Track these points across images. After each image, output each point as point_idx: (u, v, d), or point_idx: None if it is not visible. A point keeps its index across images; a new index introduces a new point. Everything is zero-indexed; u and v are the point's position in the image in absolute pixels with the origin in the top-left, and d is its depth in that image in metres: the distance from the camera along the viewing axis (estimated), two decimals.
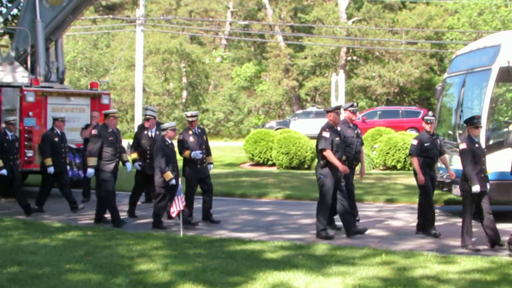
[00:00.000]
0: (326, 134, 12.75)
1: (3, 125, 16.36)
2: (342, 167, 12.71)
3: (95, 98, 19.61)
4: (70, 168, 17.90)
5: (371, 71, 53.69)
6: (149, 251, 11.14)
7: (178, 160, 14.33)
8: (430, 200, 13.27)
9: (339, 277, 9.28)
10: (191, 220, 14.04)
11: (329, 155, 12.66)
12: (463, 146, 12.00)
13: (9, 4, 23.41)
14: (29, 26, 19.38)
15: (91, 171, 14.58)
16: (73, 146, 18.42)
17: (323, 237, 12.72)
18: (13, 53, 19.70)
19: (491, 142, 14.23)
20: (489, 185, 12.02)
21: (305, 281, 9.07)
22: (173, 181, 13.50)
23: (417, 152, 13.26)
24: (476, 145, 11.92)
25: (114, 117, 14.75)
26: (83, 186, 18.20)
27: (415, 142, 13.41)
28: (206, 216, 14.76)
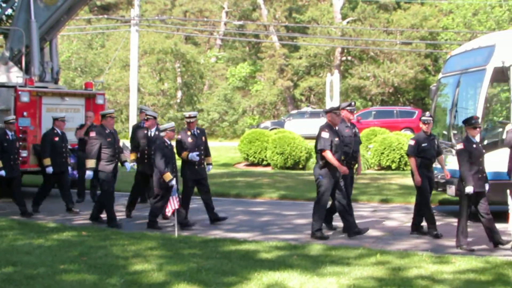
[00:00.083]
0: (326, 135, 12.72)
1: (1, 125, 16.30)
2: (341, 168, 12.72)
3: (89, 98, 19.57)
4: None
5: (366, 71, 53.72)
6: (144, 251, 11.13)
7: (177, 160, 14.31)
8: (427, 201, 13.28)
9: (333, 277, 9.28)
10: (188, 222, 14.00)
11: (329, 155, 12.64)
12: (460, 146, 12.01)
13: (4, 4, 23.34)
14: (23, 26, 19.36)
15: (90, 173, 14.46)
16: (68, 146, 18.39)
17: (318, 238, 12.72)
18: (7, 53, 19.67)
19: (485, 142, 14.25)
20: (488, 186, 12.05)
21: (300, 281, 9.07)
22: (172, 182, 13.46)
23: (414, 152, 13.26)
24: (474, 146, 11.91)
25: (111, 118, 14.71)
26: (77, 186, 18.17)
27: (412, 142, 13.40)
28: (213, 217, 14.69)
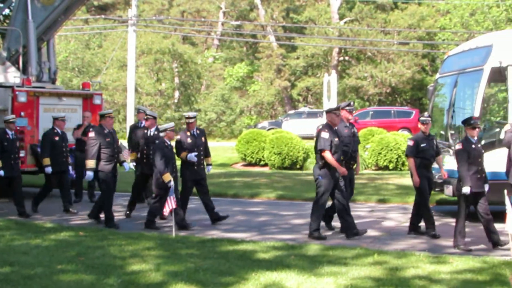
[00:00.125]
0: (325, 135, 12.69)
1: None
2: (340, 169, 12.69)
3: (87, 98, 19.57)
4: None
5: (363, 72, 53.73)
6: (141, 251, 11.12)
7: (177, 160, 14.30)
8: (426, 201, 13.27)
9: (331, 277, 9.28)
10: (186, 224, 13.95)
11: (328, 156, 12.63)
12: (458, 146, 12.02)
13: (1, 4, 23.33)
14: (21, 26, 19.35)
15: (90, 173, 14.36)
16: None
17: (315, 238, 12.71)
18: (4, 53, 19.66)
19: (483, 142, 14.24)
20: (488, 187, 12.05)
21: (297, 281, 9.07)
22: (171, 182, 13.43)
23: (413, 153, 13.24)
24: (473, 146, 11.92)
25: (110, 118, 14.68)
26: (75, 187, 18.14)
27: (411, 143, 13.38)
28: (214, 217, 14.66)
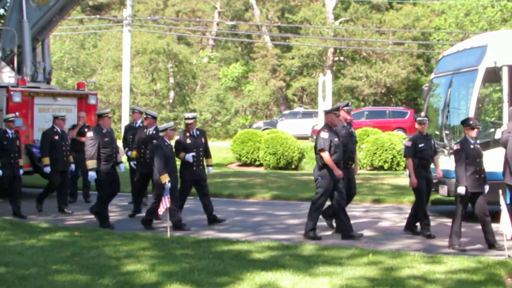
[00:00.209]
0: (325, 135, 12.69)
1: None
2: (337, 171, 12.65)
3: (82, 98, 19.55)
4: None
5: (358, 72, 53.75)
6: (136, 251, 11.11)
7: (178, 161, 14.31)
8: (422, 201, 13.28)
9: (326, 277, 9.29)
10: (182, 225, 13.91)
11: (326, 156, 12.62)
12: (457, 146, 12.05)
13: None
14: (15, 26, 19.31)
15: (92, 174, 14.18)
16: None
17: (310, 237, 12.71)
18: None
19: (477, 142, 14.25)
20: (488, 187, 12.05)
21: (292, 281, 9.07)
22: (168, 184, 13.38)
23: (412, 153, 13.25)
24: (471, 146, 11.93)
25: (108, 118, 14.64)
26: (70, 186, 18.09)
27: (409, 143, 13.39)
28: (211, 219, 14.64)
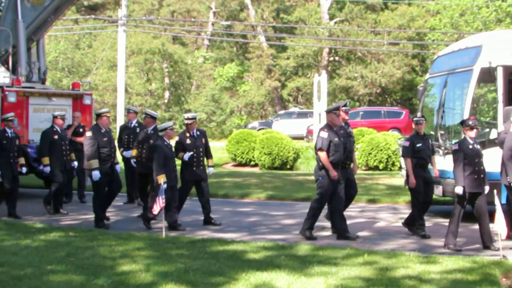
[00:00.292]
0: (324, 134, 12.69)
1: None
2: (332, 172, 12.62)
3: (77, 99, 19.52)
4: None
5: (353, 72, 53.74)
6: (131, 251, 11.11)
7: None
8: (418, 201, 13.31)
9: (321, 277, 9.29)
10: (177, 226, 13.90)
11: (322, 156, 12.63)
12: (455, 147, 12.09)
13: None
14: (10, 26, 19.28)
15: (96, 173, 14.09)
16: None
17: (306, 236, 12.71)
18: None
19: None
20: (488, 188, 12.04)
21: (288, 281, 9.07)
22: (164, 184, 13.35)
23: (410, 153, 13.28)
24: (470, 146, 11.93)
25: (107, 117, 14.61)
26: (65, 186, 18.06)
27: (406, 143, 13.45)
28: (207, 220, 14.62)
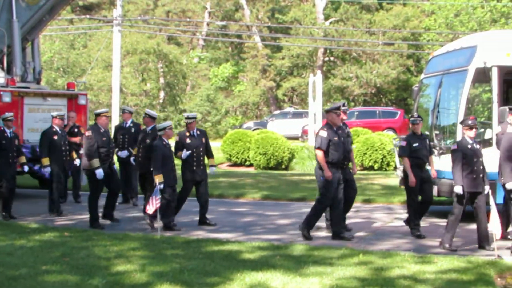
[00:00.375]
0: (323, 134, 12.69)
1: None
2: (326, 172, 12.59)
3: (72, 99, 19.49)
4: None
5: (348, 72, 53.76)
6: (126, 252, 11.10)
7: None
8: (414, 201, 13.34)
9: (316, 277, 9.30)
10: (173, 226, 13.88)
11: (319, 155, 12.64)
12: (453, 146, 12.12)
13: None
14: (5, 26, 19.23)
15: (100, 171, 14.08)
16: None
17: (303, 235, 12.75)
18: None
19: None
20: (488, 187, 12.03)
21: (283, 282, 9.07)
22: (161, 185, 13.36)
23: (407, 152, 13.33)
24: (469, 146, 11.93)
25: (106, 117, 14.59)
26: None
27: (403, 143, 13.53)
28: (202, 220, 14.59)
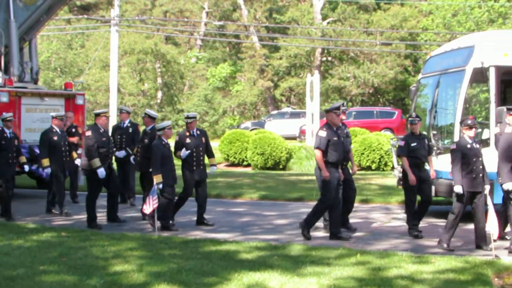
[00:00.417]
0: (323, 134, 12.69)
1: None
2: (324, 172, 12.60)
3: (69, 99, 19.47)
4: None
5: (346, 72, 53.78)
6: (124, 252, 11.09)
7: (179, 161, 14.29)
8: (412, 200, 13.40)
9: (314, 277, 9.30)
10: (170, 226, 13.87)
11: (318, 154, 12.65)
12: (453, 146, 12.13)
13: None
14: (2, 26, 19.20)
15: (101, 170, 14.08)
16: None
17: (303, 234, 12.77)
18: None
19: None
20: (488, 187, 12.03)
21: (280, 282, 9.07)
22: (160, 185, 13.34)
23: (405, 152, 13.37)
24: (468, 146, 11.93)
25: (106, 117, 14.57)
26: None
27: (402, 143, 13.58)
28: (200, 220, 14.58)
